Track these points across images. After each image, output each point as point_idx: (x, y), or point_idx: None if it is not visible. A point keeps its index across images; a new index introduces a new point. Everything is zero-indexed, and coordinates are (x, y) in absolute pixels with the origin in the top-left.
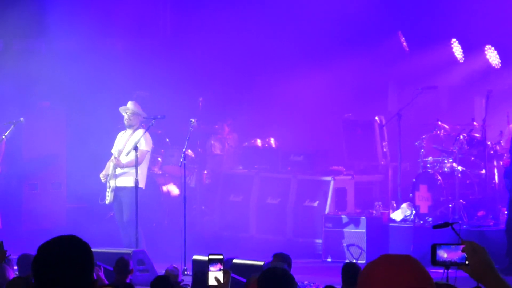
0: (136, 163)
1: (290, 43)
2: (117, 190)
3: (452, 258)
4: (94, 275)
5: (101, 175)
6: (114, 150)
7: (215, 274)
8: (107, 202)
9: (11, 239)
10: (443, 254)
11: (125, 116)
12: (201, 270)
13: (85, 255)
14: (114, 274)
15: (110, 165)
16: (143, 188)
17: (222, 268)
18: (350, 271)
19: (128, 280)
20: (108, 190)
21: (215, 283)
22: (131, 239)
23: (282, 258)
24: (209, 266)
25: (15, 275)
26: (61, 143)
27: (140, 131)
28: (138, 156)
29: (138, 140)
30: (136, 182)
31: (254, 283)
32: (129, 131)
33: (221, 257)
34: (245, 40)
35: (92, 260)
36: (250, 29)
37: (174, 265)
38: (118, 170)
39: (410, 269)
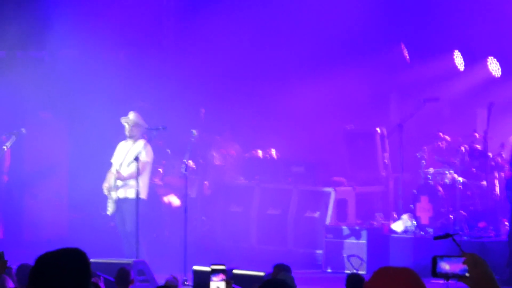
0: (137, 175)
1: (292, 54)
2: (119, 201)
3: (453, 270)
4: (98, 285)
5: (104, 188)
6: (114, 160)
7: (217, 285)
8: (108, 213)
9: (12, 248)
10: (444, 266)
11: (126, 127)
12: (202, 281)
13: (82, 266)
14: (114, 285)
15: (111, 176)
16: (145, 198)
17: (224, 278)
18: (354, 282)
19: None
20: (109, 201)
21: None
22: (133, 250)
23: (283, 269)
24: (211, 276)
25: (15, 286)
26: (63, 153)
27: (141, 142)
28: (140, 167)
29: (140, 152)
30: (137, 193)
31: None
32: (130, 141)
33: (223, 267)
34: (247, 51)
35: (89, 272)
36: (252, 40)
37: (173, 275)
38: (120, 182)
39: (406, 281)
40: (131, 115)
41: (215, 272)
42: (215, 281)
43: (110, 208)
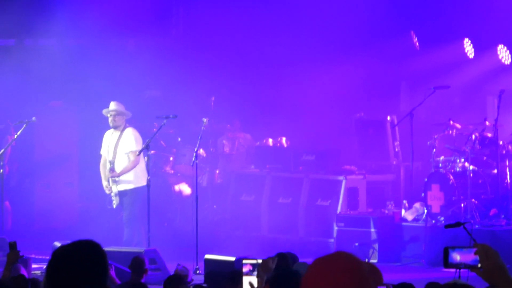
0: (133, 166)
1: (303, 42)
2: (121, 194)
3: (464, 261)
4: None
5: (104, 187)
6: (104, 152)
7: (249, 279)
8: (114, 206)
9: (23, 237)
10: (455, 256)
11: (110, 118)
12: (214, 270)
13: (99, 259)
14: (125, 273)
15: (105, 171)
16: (145, 184)
17: (251, 269)
18: None
19: (143, 280)
20: (112, 195)
21: (249, 287)
22: (128, 238)
23: (287, 257)
24: (243, 270)
25: (29, 275)
26: (73, 142)
27: (129, 131)
28: (133, 159)
29: (130, 143)
30: (148, 181)
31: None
32: (116, 132)
33: (255, 261)
34: (257, 39)
35: (106, 264)
36: (262, 28)
37: (182, 264)
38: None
39: (341, 268)
40: (112, 105)
41: (246, 266)
42: (247, 275)
43: (114, 201)
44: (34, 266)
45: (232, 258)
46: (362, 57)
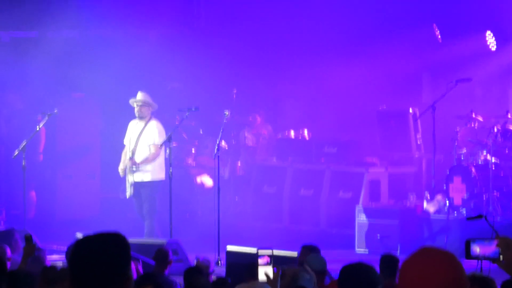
0: (152, 159)
1: (325, 34)
2: (136, 185)
3: (485, 253)
4: (133, 270)
5: (119, 170)
6: (127, 141)
7: (264, 269)
8: (127, 196)
9: (45, 228)
10: (476, 248)
11: (136, 108)
12: (236, 261)
13: (122, 252)
14: (148, 265)
15: (125, 158)
16: (164, 178)
17: (269, 261)
18: (388, 263)
19: (166, 271)
20: (127, 185)
21: (264, 278)
22: (149, 230)
23: (311, 250)
24: (258, 260)
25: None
26: (96, 133)
27: (153, 124)
28: (154, 151)
29: (153, 136)
30: (170, 175)
31: (295, 275)
32: (140, 122)
33: (270, 252)
34: (280, 31)
35: (129, 257)
36: (285, 20)
37: (203, 256)
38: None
39: (447, 266)
40: (139, 95)
41: (261, 256)
42: (262, 266)
43: (128, 192)
44: (55, 256)
45: (254, 250)
46: (384, 50)
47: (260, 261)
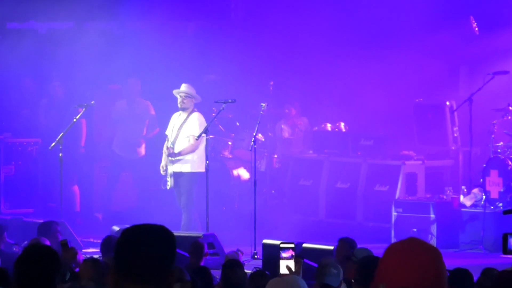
0: (191, 151)
1: (363, 26)
2: (176, 175)
3: None
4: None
5: (160, 167)
6: (169, 132)
7: (286, 263)
8: (168, 187)
9: (83, 221)
10: None
11: (179, 99)
12: (272, 255)
13: (168, 244)
14: (183, 257)
15: (166, 151)
16: (203, 171)
17: (293, 255)
18: None
19: (202, 263)
20: (168, 176)
21: (287, 272)
22: (186, 223)
23: (348, 243)
24: (280, 254)
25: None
26: None
27: (195, 116)
28: (193, 142)
29: (194, 127)
30: (207, 167)
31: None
32: (183, 114)
33: (292, 245)
34: (316, 24)
35: (174, 251)
36: (321, 13)
37: (236, 250)
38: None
39: (429, 261)
40: (183, 87)
41: (283, 250)
42: (284, 259)
43: (169, 183)
44: (92, 250)
45: (292, 244)
46: (421, 42)
47: (284, 254)
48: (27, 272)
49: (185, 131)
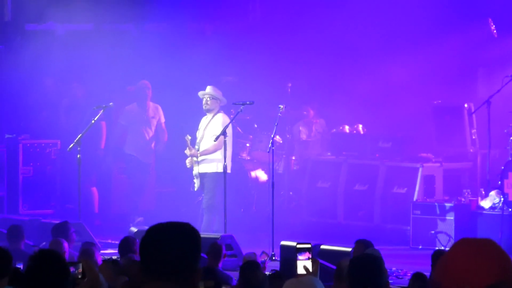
0: (213, 151)
1: (379, 29)
2: (201, 176)
3: None
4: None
5: (187, 161)
6: (198, 134)
7: (303, 263)
8: (195, 189)
9: (101, 222)
10: None
11: (204, 101)
12: (290, 256)
13: (193, 242)
14: (205, 260)
15: (189, 150)
16: (229, 172)
17: (310, 257)
18: None
19: (220, 266)
20: (194, 177)
21: (304, 272)
22: (206, 225)
23: (365, 244)
24: (297, 255)
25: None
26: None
27: (219, 116)
28: (216, 143)
29: (217, 128)
30: (224, 168)
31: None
32: (209, 116)
33: (309, 246)
34: (334, 26)
35: (200, 250)
36: (339, 15)
37: (261, 253)
38: (200, 157)
39: (488, 253)
40: (208, 89)
41: (300, 250)
42: (301, 260)
43: (196, 184)
44: (110, 251)
45: (309, 245)
46: (440, 44)
47: (300, 257)
48: (36, 280)
49: (209, 131)
